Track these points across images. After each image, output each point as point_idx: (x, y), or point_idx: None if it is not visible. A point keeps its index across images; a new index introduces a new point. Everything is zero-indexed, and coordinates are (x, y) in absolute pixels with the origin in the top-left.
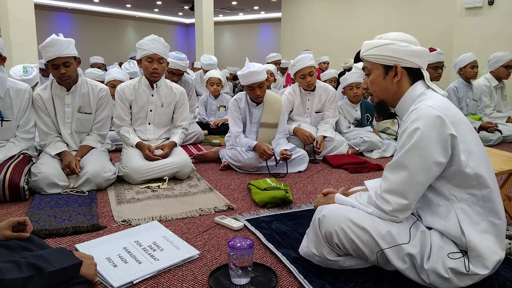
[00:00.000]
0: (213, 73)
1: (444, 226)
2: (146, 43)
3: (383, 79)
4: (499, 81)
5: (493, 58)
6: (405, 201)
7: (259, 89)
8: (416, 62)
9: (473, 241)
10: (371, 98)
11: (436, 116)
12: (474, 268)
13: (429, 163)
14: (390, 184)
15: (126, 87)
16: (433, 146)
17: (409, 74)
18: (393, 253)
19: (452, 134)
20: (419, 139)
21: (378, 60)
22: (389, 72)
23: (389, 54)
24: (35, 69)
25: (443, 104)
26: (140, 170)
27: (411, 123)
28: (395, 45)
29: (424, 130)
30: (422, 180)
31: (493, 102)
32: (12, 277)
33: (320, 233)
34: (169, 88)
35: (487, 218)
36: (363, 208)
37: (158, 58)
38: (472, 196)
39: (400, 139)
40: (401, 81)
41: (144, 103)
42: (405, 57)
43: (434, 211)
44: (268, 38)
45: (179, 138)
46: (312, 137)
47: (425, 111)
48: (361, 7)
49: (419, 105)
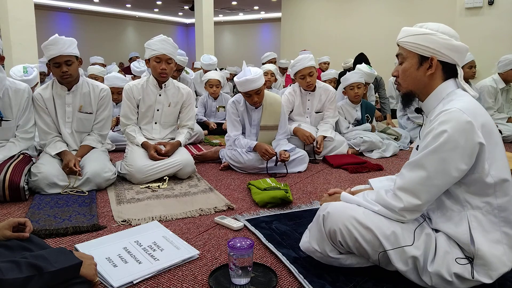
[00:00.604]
0: (212, 75)
1: (453, 231)
2: (155, 43)
3: (416, 70)
4: (506, 84)
5: (504, 60)
6: (418, 201)
7: (257, 96)
8: (453, 57)
9: (482, 249)
10: (398, 86)
11: (466, 122)
12: (478, 276)
13: (449, 167)
14: (405, 182)
15: (134, 86)
16: (458, 152)
17: (443, 69)
18: (396, 255)
19: (481, 143)
20: (445, 142)
21: (414, 49)
22: (424, 64)
23: (427, 45)
24: (35, 69)
25: (473, 108)
26: (143, 171)
27: (438, 124)
28: (436, 36)
29: (451, 133)
30: (439, 183)
31: (497, 104)
32: (12, 277)
33: (324, 230)
34: (177, 88)
35: (501, 228)
36: (369, 206)
37: (167, 58)
38: (487, 205)
39: (424, 139)
40: (434, 74)
41: (152, 103)
42: (444, 50)
43: (446, 215)
44: (268, 38)
45: (184, 138)
46: (312, 137)
47: (455, 115)
48: (361, 7)
49: (449, 106)
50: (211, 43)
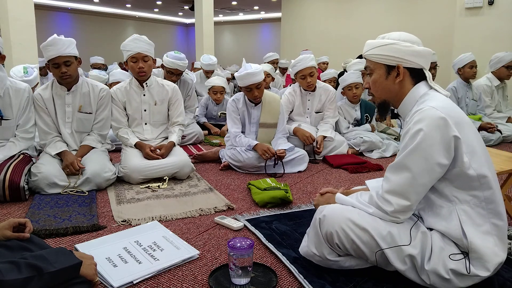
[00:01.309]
0: (216, 81)
1: (445, 228)
2: (128, 43)
3: (385, 79)
4: (500, 81)
5: (495, 59)
6: (407, 202)
7: (257, 90)
8: (418, 62)
9: (474, 242)
10: (372, 98)
11: (439, 118)
12: (475, 270)
13: (431, 164)
14: (392, 185)
15: (118, 90)
16: (436, 148)
17: (411, 74)
18: (393, 254)
19: (456, 136)
20: (422, 140)
21: (380, 60)
22: (391, 72)
23: (391, 54)
24: (35, 69)
25: (446, 105)
26: (139, 169)
27: (414, 124)
28: (398, 45)
29: (427, 131)
30: (424, 182)
31: (494, 102)
32: (11, 278)
33: (320, 233)
34: (161, 85)
35: (490, 219)
36: (364, 208)
37: (142, 56)
38: (474, 198)
39: (403, 140)
40: (403, 81)
41: (137, 104)
42: (408, 57)
43: (436, 213)
44: (268, 38)
45: (177, 137)
46: (312, 137)
47: (428, 112)
48: (361, 7)
49: (422, 106)
50: (211, 43)
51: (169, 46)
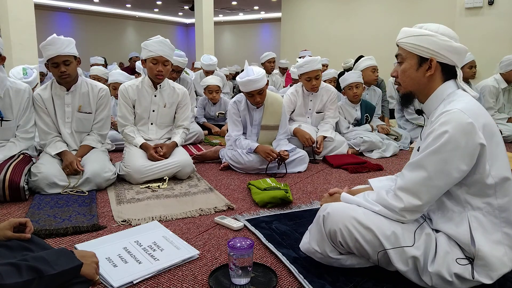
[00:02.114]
0: (211, 80)
1: (454, 232)
2: (152, 44)
3: (416, 71)
4: (508, 84)
5: (506, 61)
6: (418, 201)
7: (259, 96)
8: (453, 59)
9: (482, 250)
10: (398, 87)
11: (467, 123)
12: (479, 277)
13: (450, 168)
14: (406, 182)
15: (129, 87)
16: (459, 152)
17: (443, 70)
18: (396, 255)
19: (482, 144)
20: (446, 143)
21: (414, 50)
22: (423, 65)
23: (427, 46)
24: (35, 70)
25: (474, 108)
26: (141, 171)
27: (440, 125)
28: (436, 38)
29: (452, 134)
30: (440, 184)
31: (498, 104)
32: (12, 281)
33: (324, 230)
34: (172, 88)
35: (502, 228)
36: (370, 207)
37: (164, 60)
38: (488, 205)
39: (425, 140)
40: (433, 75)
41: (147, 104)
42: (443, 52)
43: (447, 216)
44: (268, 38)
45: (180, 138)
46: (312, 140)
47: (456, 115)
48: (361, 7)
49: (450, 107)
50: (211, 43)
51: (174, 48)
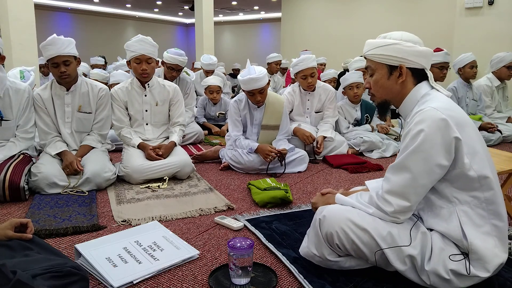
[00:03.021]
0: (211, 81)
1: (445, 228)
2: (133, 44)
3: (387, 79)
4: (501, 82)
5: (496, 59)
6: (407, 203)
7: (260, 95)
8: (420, 62)
9: (474, 243)
10: (372, 97)
11: (440, 119)
12: (475, 271)
13: (432, 165)
14: (392, 186)
15: (119, 90)
16: (436, 149)
17: (413, 74)
18: (393, 254)
19: (457, 137)
20: (423, 141)
21: (382, 60)
22: (394, 72)
23: (394, 54)
24: (32, 73)
25: (448, 106)
26: (140, 170)
27: (415, 125)
28: (401, 45)
29: (428, 132)
30: (425, 183)
31: (494, 103)
32: None
33: (320, 233)
34: (162, 86)
35: (490, 220)
36: (364, 209)
37: (146, 58)
38: (475, 199)
39: (403, 141)
40: (405, 81)
41: (139, 104)
42: (410, 57)
43: (436, 213)
44: (268, 38)
45: (178, 137)
46: (312, 137)
47: (429, 113)
48: (361, 7)
49: (423, 106)
50: (211, 43)
51: (169, 46)
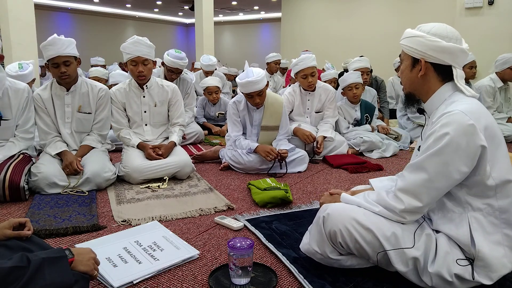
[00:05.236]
0: (210, 81)
1: (454, 233)
2: (128, 46)
3: (410, 71)
4: (504, 83)
5: (501, 60)
6: (419, 203)
7: (258, 97)
8: (443, 58)
9: (482, 251)
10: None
11: (468, 124)
12: (479, 278)
13: (451, 170)
14: (406, 184)
15: (117, 91)
16: (459, 154)
17: (437, 70)
18: (396, 256)
19: (483, 145)
20: (447, 145)
21: (407, 51)
22: (416, 65)
23: (415, 47)
24: (30, 65)
25: (476, 110)
26: (140, 169)
27: (440, 127)
28: (424, 39)
29: (453, 136)
30: (440, 186)
31: (495, 104)
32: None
33: (324, 231)
34: (160, 86)
35: (502, 230)
36: (370, 207)
37: (142, 60)
38: (488, 207)
39: (426, 141)
40: (427, 76)
41: (137, 105)
42: (431, 52)
43: (447, 217)
44: (268, 38)
45: (177, 137)
46: (313, 136)
47: (457, 117)
48: (361, 7)
49: (451, 108)
50: (211, 43)
51: (169, 46)
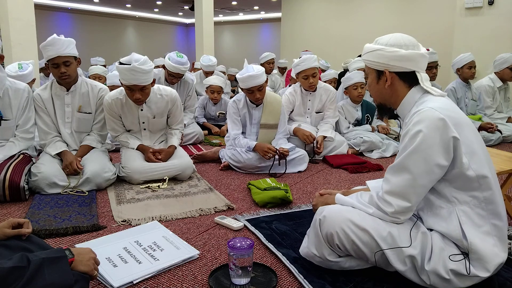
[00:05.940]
0: (214, 80)
1: (445, 228)
2: (124, 72)
3: (377, 83)
4: (503, 83)
5: (499, 59)
6: (407, 203)
7: (259, 92)
8: (405, 66)
9: (474, 243)
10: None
11: (438, 119)
12: (475, 271)
13: (431, 165)
14: (392, 186)
15: (112, 101)
16: (435, 149)
17: (402, 78)
18: (393, 255)
19: (455, 137)
20: (421, 142)
21: (370, 65)
22: (381, 77)
23: (377, 60)
24: (30, 65)
25: (446, 106)
26: (140, 170)
27: (413, 125)
28: (383, 51)
29: (426, 132)
30: (424, 183)
31: (495, 103)
32: None
33: (321, 234)
34: (159, 97)
35: (489, 220)
36: (364, 209)
37: (140, 87)
38: (474, 199)
39: (402, 141)
40: (393, 85)
41: (134, 118)
42: (393, 62)
43: (436, 213)
44: (268, 38)
45: (177, 140)
46: (313, 136)
47: (427, 113)
48: (361, 7)
49: (422, 107)
50: (211, 43)
51: (169, 46)
